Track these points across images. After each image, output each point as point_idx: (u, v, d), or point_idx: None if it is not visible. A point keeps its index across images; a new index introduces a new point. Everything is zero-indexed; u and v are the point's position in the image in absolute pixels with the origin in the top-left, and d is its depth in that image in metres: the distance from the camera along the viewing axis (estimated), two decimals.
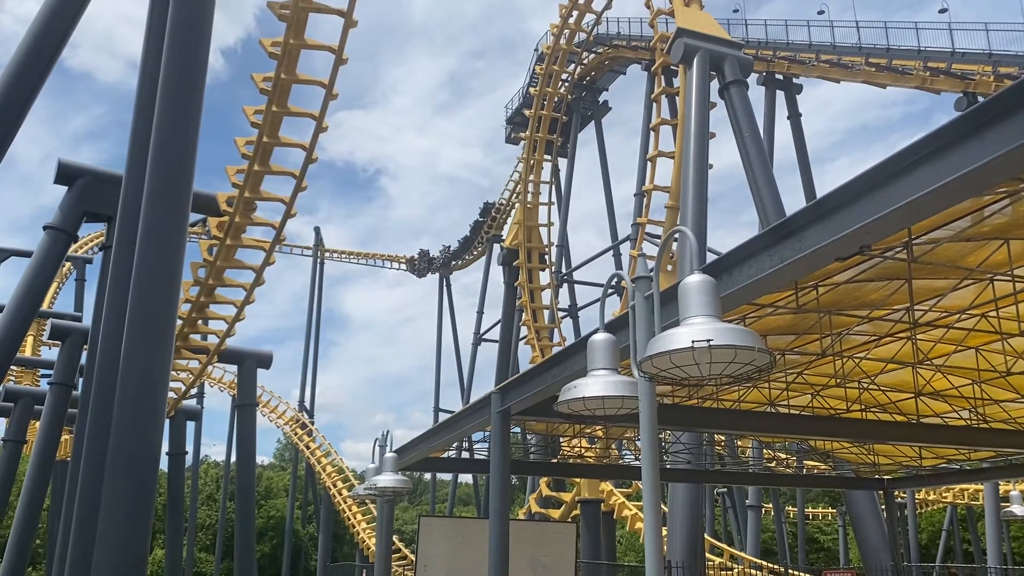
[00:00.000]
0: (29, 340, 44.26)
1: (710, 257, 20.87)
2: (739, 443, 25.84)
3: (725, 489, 46.89)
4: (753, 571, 30.83)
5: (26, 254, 35.77)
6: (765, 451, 25.76)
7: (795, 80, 37.05)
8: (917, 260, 7.28)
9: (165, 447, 36.19)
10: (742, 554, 35.37)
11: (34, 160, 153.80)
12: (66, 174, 22.24)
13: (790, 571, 25.65)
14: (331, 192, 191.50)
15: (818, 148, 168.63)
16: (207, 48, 15.18)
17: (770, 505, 49.56)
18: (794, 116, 36.97)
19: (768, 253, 6.15)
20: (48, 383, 30.51)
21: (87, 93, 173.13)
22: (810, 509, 59.08)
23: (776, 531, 50.34)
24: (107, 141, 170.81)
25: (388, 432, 13.40)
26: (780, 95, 36.91)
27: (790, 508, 55.73)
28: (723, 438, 22.46)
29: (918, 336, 10.61)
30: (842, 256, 5.87)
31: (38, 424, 31.11)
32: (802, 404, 14.39)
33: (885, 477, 21.10)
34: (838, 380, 12.66)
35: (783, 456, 27.32)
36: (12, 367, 36.14)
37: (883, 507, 21.61)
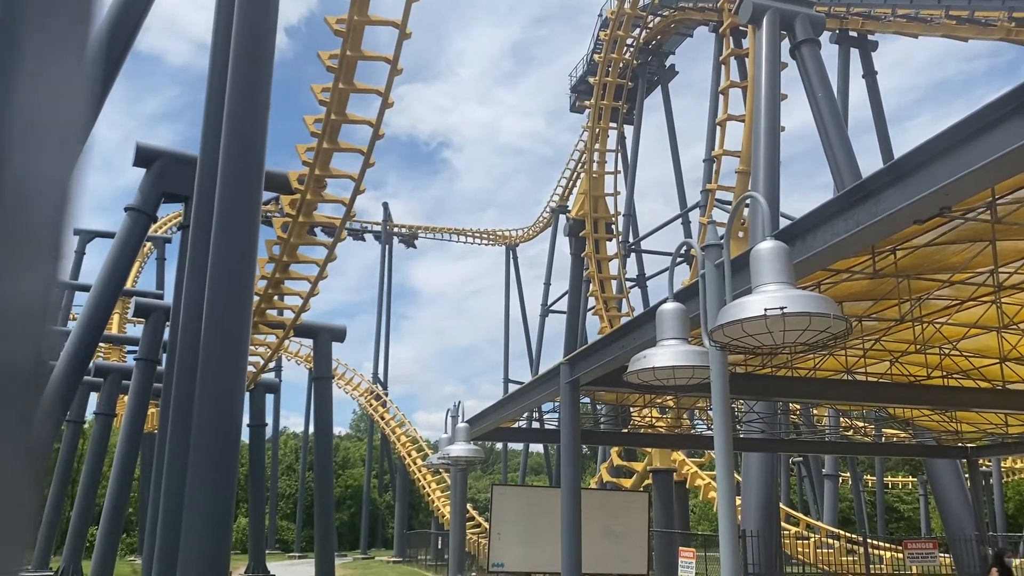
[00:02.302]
0: (115, 318, 46.12)
1: (783, 223, 20.41)
2: (815, 412, 25.41)
3: (801, 458, 46.19)
4: (830, 540, 30.38)
5: (109, 235, 37.16)
6: (842, 419, 25.28)
7: (870, 37, 35.68)
8: (1001, 221, 6.99)
9: (246, 419, 37.45)
10: (819, 523, 34.89)
11: (113, 142, 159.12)
12: (144, 157, 22.98)
13: (869, 540, 25.22)
14: (398, 167, 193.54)
15: (896, 106, 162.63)
16: (274, 29, 15.42)
17: (847, 474, 48.65)
18: (869, 74, 35.67)
19: (843, 217, 5.99)
20: (134, 359, 31.79)
21: (159, 75, 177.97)
22: (889, 478, 57.80)
23: (854, 500, 49.45)
24: (181, 122, 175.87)
25: (459, 403, 13.58)
26: (854, 53, 35.63)
27: (868, 477, 54.61)
28: (798, 407, 22.11)
29: (1003, 299, 10.22)
30: (921, 219, 5.68)
31: (126, 398, 32.53)
32: (880, 371, 14.05)
33: (968, 445, 20.49)
34: (918, 346, 12.31)
35: (861, 424, 26.76)
36: (100, 344, 37.73)
37: (967, 476, 21.01)
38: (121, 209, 23.69)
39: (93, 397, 39.26)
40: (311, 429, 52.68)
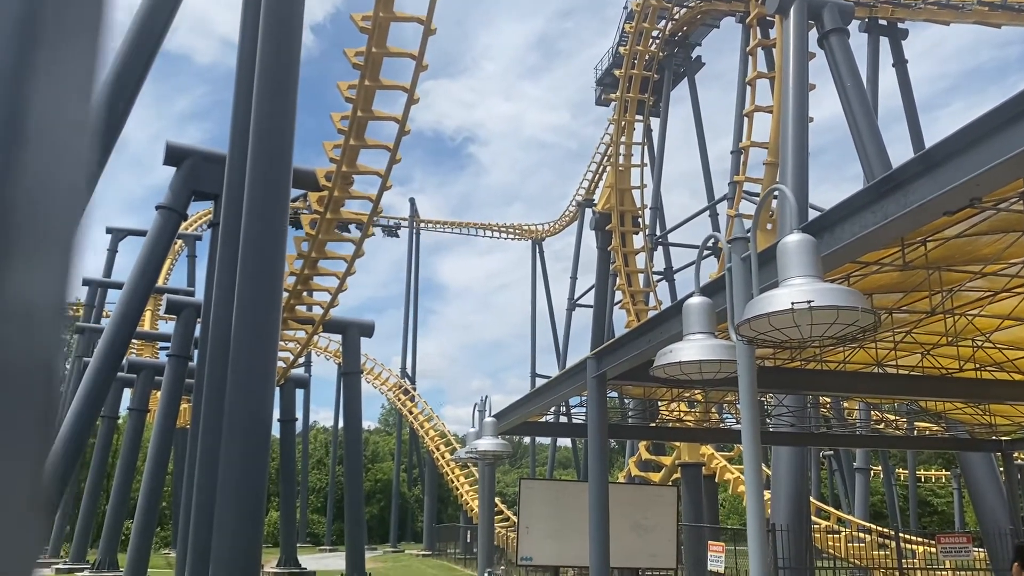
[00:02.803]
0: (147, 315, 46.79)
1: (812, 214, 20.21)
2: (845, 405, 25.15)
3: (831, 452, 45.78)
4: (861, 534, 30.09)
5: (141, 233, 37.71)
6: (873, 413, 24.99)
7: (900, 25, 35.15)
8: None
9: (276, 414, 37.87)
10: (850, 517, 34.56)
11: (143, 141, 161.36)
12: (174, 155, 23.27)
13: (901, 535, 24.96)
14: (424, 162, 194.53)
15: (927, 95, 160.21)
16: (300, 27, 15.54)
17: (879, 468, 48.16)
18: (899, 63, 35.14)
19: (872, 209, 5.94)
20: (166, 355, 32.24)
21: (187, 75, 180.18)
22: (922, 471, 57.10)
23: (886, 494, 48.93)
24: (209, 120, 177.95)
25: (487, 397, 13.63)
26: (884, 41, 35.11)
27: (901, 471, 53.99)
28: (828, 400, 21.91)
29: None
30: (951, 210, 5.61)
31: (159, 394, 32.98)
32: (911, 364, 13.87)
33: (1003, 438, 20.18)
34: (950, 338, 12.15)
35: (892, 418, 26.46)
36: (133, 341, 38.32)
37: (1001, 469, 20.71)
38: (152, 207, 24.04)
39: (127, 393, 39.88)
40: (341, 424, 53.14)
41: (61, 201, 0.65)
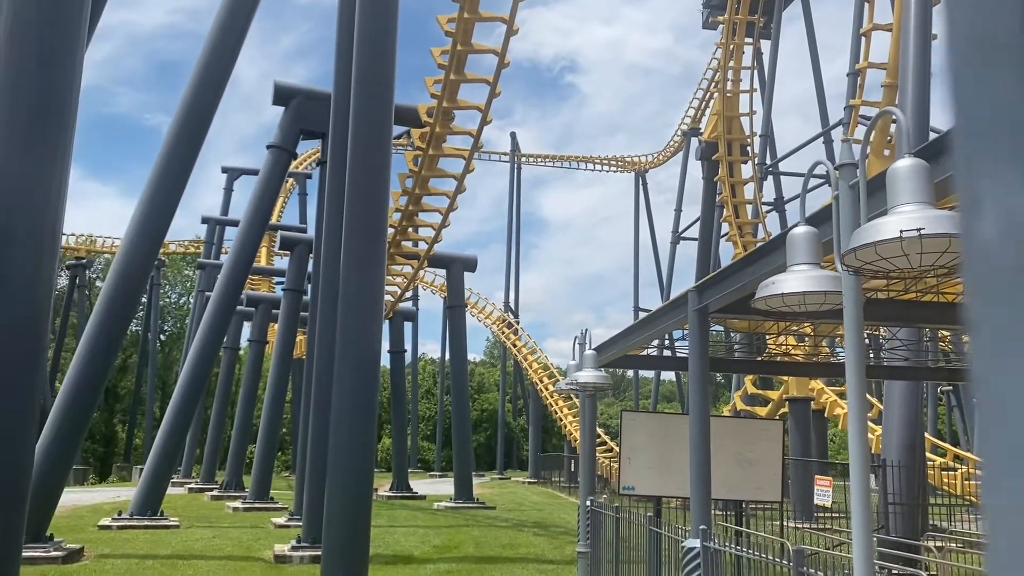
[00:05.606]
0: (263, 251, 48.70)
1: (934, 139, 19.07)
2: (967, 338, 24.04)
3: (951, 387, 44.07)
4: (980, 472, 29.08)
5: (253, 172, 39.07)
6: None
7: None
8: None
9: (386, 345, 39.12)
10: (968, 454, 33.37)
11: (253, 80, 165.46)
12: (282, 95, 23.85)
13: None
14: (524, 94, 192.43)
15: None
16: None
17: None
18: None
19: None
20: (282, 289, 33.66)
21: (291, 13, 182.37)
22: None
23: None
24: (314, 58, 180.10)
25: (587, 330, 13.70)
26: None
27: None
28: (947, 333, 21.02)
29: None
30: None
31: (276, 326, 34.57)
32: None
33: None
34: None
35: None
36: (250, 276, 40.09)
37: None
38: (263, 146, 24.84)
39: (246, 326, 41.94)
40: (447, 355, 54.53)
41: None
